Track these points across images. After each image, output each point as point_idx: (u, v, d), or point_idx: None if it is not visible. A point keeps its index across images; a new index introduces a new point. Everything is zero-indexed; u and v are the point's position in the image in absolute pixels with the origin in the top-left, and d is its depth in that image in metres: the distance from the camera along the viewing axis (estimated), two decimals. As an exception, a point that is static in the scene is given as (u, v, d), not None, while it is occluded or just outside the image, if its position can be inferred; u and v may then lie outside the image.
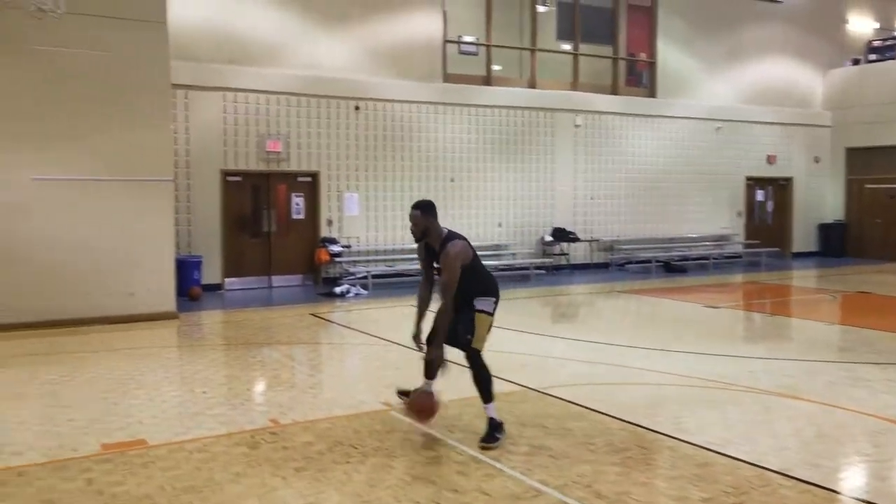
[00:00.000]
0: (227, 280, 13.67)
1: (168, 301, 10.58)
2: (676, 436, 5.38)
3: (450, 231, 5.50)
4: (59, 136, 9.86)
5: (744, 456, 4.95)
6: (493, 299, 5.52)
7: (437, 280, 5.57)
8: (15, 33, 9.32)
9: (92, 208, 10.07)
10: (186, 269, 12.38)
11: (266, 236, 14.13)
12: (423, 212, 5.45)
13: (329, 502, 4.26)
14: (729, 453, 5.01)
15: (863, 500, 4.32)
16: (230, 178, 13.64)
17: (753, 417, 5.95)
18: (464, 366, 5.46)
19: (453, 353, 5.43)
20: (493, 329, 5.52)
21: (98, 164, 10.08)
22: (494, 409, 5.36)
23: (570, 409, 6.12)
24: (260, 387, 7.11)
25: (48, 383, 6.98)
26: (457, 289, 5.31)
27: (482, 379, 5.39)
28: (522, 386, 6.82)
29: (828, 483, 4.51)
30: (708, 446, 5.14)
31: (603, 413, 5.94)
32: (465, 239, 5.47)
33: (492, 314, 5.50)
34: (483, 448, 5.12)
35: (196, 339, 9.70)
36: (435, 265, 5.53)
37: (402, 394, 5.90)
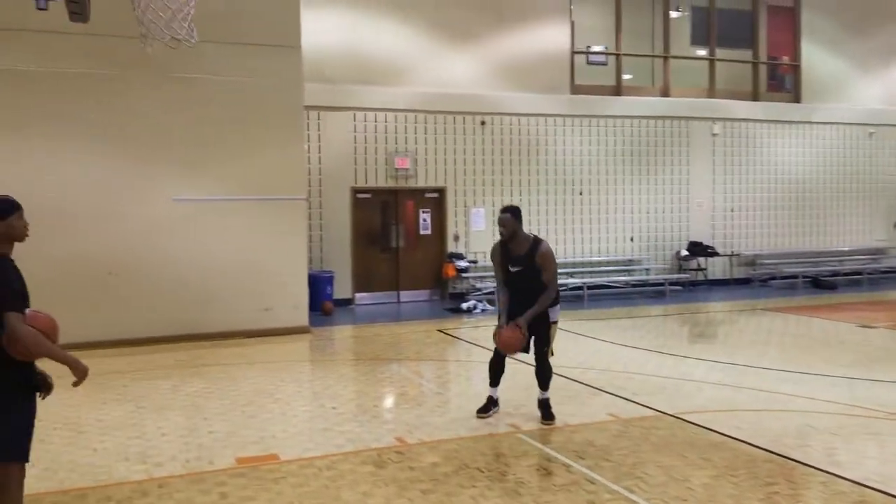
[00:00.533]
0: (357, 295, 13.98)
1: (301, 316, 10.91)
2: (829, 470, 4.92)
3: (535, 235, 6.17)
4: (198, 158, 10.40)
5: (910, 497, 4.45)
6: (559, 305, 6.20)
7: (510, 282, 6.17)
8: (157, 62, 9.85)
9: (229, 226, 10.54)
10: (319, 285, 12.76)
11: (394, 252, 14.35)
12: (514, 215, 6.01)
13: (455, 528, 4.16)
14: (890, 491, 4.51)
15: None
16: (360, 195, 13.97)
17: (921, 453, 5.35)
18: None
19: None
20: (608, 344, 5.63)
21: (235, 184, 10.55)
22: (548, 393, 6.24)
23: (710, 437, 5.74)
24: (387, 403, 7.15)
25: (191, 395, 7.32)
26: (526, 286, 5.97)
27: (547, 375, 6.18)
28: (658, 411, 6.47)
29: None
30: (865, 482, 4.66)
31: (747, 442, 5.52)
32: None
33: (557, 322, 6.23)
34: (546, 424, 6.03)
35: (327, 354, 9.93)
36: (511, 268, 6.06)
37: (482, 411, 6.37)
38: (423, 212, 14.47)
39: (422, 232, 14.48)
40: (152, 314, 10.07)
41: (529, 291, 5.99)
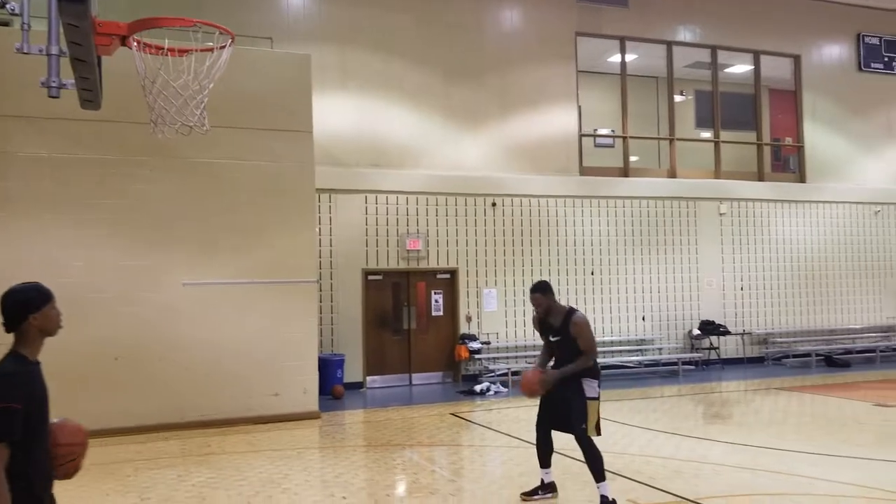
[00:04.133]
0: (368, 378, 13.88)
1: (311, 401, 10.81)
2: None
3: (569, 306, 6.20)
4: (209, 241, 10.48)
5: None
6: (598, 381, 6.00)
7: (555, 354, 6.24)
8: (170, 147, 9.95)
9: (238, 310, 10.53)
10: (329, 368, 12.68)
11: (406, 333, 14.32)
12: (544, 293, 6.11)
13: None
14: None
15: None
16: (371, 277, 14.05)
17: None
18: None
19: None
20: (623, 426, 5.49)
21: (246, 267, 10.61)
22: (608, 488, 5.80)
23: (730, 525, 5.58)
24: (399, 492, 7.01)
25: (197, 486, 7.19)
26: (566, 356, 5.98)
27: (595, 459, 5.81)
28: (678, 496, 6.32)
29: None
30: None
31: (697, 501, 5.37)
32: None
33: (598, 398, 5.97)
34: None
35: (338, 440, 9.79)
36: (551, 338, 6.13)
37: (527, 495, 6.28)
38: (435, 293, 14.51)
39: (434, 313, 14.48)
40: (161, 400, 9.97)
41: (569, 358, 6.02)
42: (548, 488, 6.24)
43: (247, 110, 10.67)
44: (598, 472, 5.83)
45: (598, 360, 16.36)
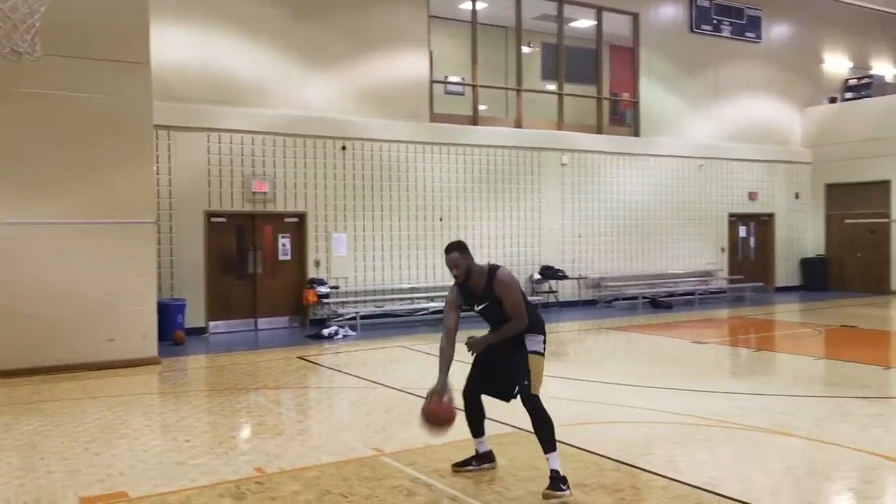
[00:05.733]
0: (211, 323, 13.50)
1: (150, 346, 10.40)
2: (670, 475, 5.30)
3: (489, 263, 5.31)
4: (37, 179, 9.73)
5: (737, 495, 4.88)
6: (542, 337, 5.23)
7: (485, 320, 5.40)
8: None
9: (71, 252, 9.92)
10: (170, 313, 12.21)
11: (252, 278, 14.00)
12: (462, 251, 5.24)
13: (317, 554, 4.12)
14: (723, 492, 4.93)
15: (863, 542, 4.25)
16: (214, 220, 13.56)
17: (746, 455, 5.87)
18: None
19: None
20: (467, 366, 5.46)
21: (78, 206, 9.96)
22: (557, 460, 4.93)
23: (563, 450, 5.95)
24: (245, 434, 6.96)
25: (26, 434, 6.78)
26: (498, 322, 5.15)
27: (544, 426, 4.98)
28: (516, 427, 6.70)
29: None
30: (702, 486, 5.06)
31: (596, 454, 5.84)
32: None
33: (544, 354, 5.19)
34: (547, 497, 4.80)
35: (179, 386, 9.52)
36: (476, 308, 5.27)
37: (458, 465, 5.51)
38: (283, 237, 14.23)
39: (281, 257, 14.22)
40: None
41: (502, 323, 5.20)
42: (483, 458, 5.51)
43: (79, 38, 9.88)
44: (548, 441, 4.97)
45: (443, 305, 16.57)
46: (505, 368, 5.16)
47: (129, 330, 10.23)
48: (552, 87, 17.87)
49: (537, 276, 16.70)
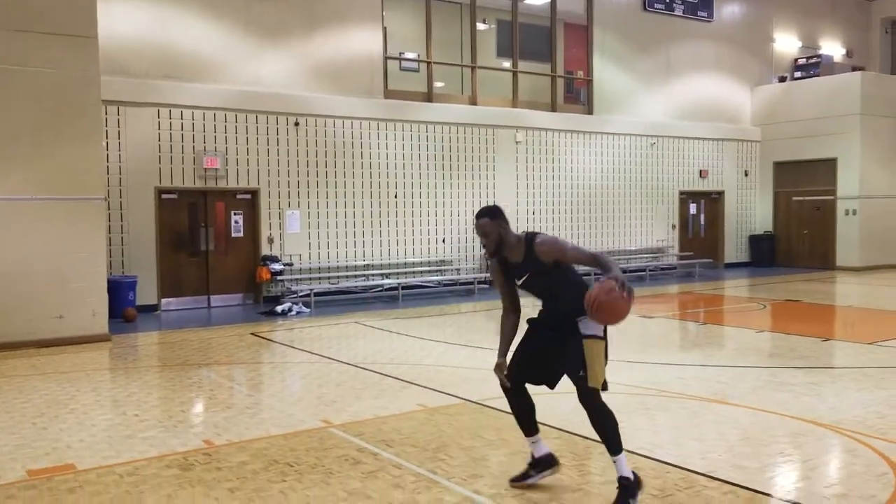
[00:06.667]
0: (163, 300, 13.41)
1: (100, 323, 10.33)
2: (609, 443, 5.49)
3: (525, 231, 4.57)
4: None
5: (671, 459, 5.10)
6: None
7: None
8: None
9: (18, 229, 9.78)
10: (121, 290, 12.10)
11: (204, 255, 13.91)
12: (493, 217, 4.42)
13: (262, 521, 4.22)
14: (657, 457, 5.14)
15: (786, 500, 4.48)
16: (165, 196, 13.41)
17: (682, 423, 6.11)
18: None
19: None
20: (421, 340, 5.56)
21: (25, 183, 9.81)
22: (626, 464, 4.24)
23: (508, 419, 6.15)
24: (194, 408, 7.00)
25: (-28, 410, 6.74)
26: (549, 290, 4.47)
27: (605, 424, 4.25)
28: (463, 399, 6.87)
29: (750, 484, 4.67)
30: (638, 451, 5.26)
31: (540, 423, 6.00)
32: None
33: (604, 337, 4.34)
34: None
35: (129, 362, 9.48)
36: (518, 282, 4.54)
37: (516, 480, 4.67)
38: (235, 214, 14.15)
39: (234, 234, 14.14)
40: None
41: (555, 293, 4.48)
42: (542, 464, 4.64)
43: (24, 11, 9.71)
44: (611, 442, 4.25)
45: (399, 281, 16.47)
46: (557, 353, 4.42)
47: (78, 307, 10.14)
48: (507, 64, 17.95)
49: (492, 253, 16.85)
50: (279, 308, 13.08)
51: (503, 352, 4.62)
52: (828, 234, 20.38)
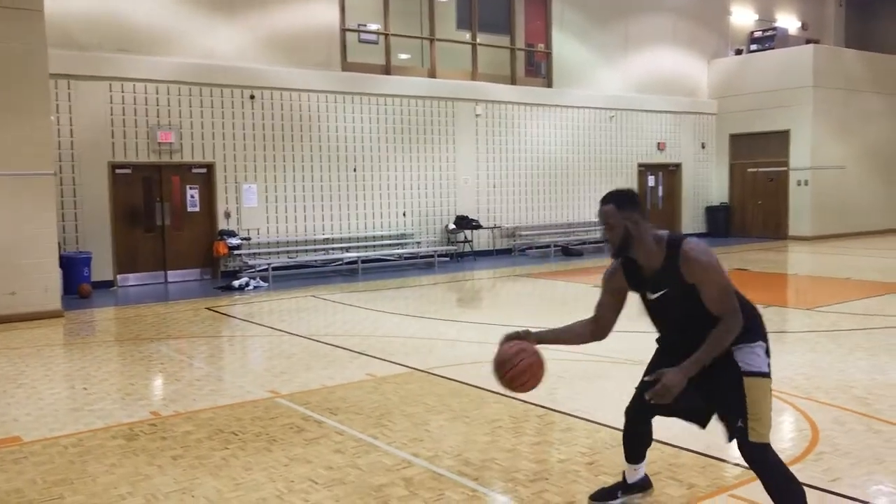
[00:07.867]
0: (119, 276, 13.34)
1: (53, 299, 10.28)
2: (547, 405, 5.68)
3: (669, 233, 3.42)
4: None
5: (603, 420, 5.29)
6: (764, 345, 3.36)
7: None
8: None
9: (-33, 204, 9.68)
10: (75, 266, 12.02)
11: (160, 230, 13.83)
12: (621, 207, 3.35)
13: (204, 487, 4.32)
14: (589, 418, 5.34)
15: (705, 455, 4.69)
16: (119, 171, 13.28)
17: (621, 387, 6.29)
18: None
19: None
20: (377, 312, 5.67)
21: (-28, 158, 9.69)
22: None
23: (452, 386, 6.35)
24: (144, 381, 7.05)
25: (-82, 386, 6.72)
26: (684, 319, 3.35)
27: (785, 489, 3.21)
28: (410, 367, 7.01)
29: (676, 441, 4.87)
30: (575, 413, 5.46)
31: (483, 389, 6.18)
32: None
33: (769, 374, 3.31)
34: None
35: (82, 337, 9.47)
36: (649, 297, 3.48)
37: (598, 498, 3.95)
38: (191, 188, 14.06)
39: (190, 209, 14.07)
40: None
41: (692, 326, 3.32)
42: (634, 488, 3.89)
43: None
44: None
45: (359, 255, 16.56)
46: (717, 398, 3.36)
47: (30, 283, 10.08)
48: (467, 36, 17.94)
49: (452, 226, 17.00)
50: (236, 283, 13.07)
51: (538, 334, 3.82)
52: (780, 205, 20.83)
